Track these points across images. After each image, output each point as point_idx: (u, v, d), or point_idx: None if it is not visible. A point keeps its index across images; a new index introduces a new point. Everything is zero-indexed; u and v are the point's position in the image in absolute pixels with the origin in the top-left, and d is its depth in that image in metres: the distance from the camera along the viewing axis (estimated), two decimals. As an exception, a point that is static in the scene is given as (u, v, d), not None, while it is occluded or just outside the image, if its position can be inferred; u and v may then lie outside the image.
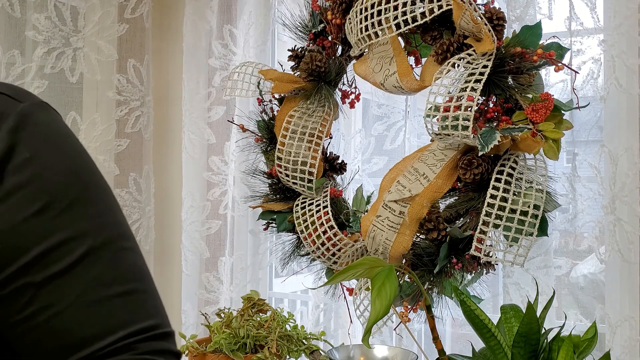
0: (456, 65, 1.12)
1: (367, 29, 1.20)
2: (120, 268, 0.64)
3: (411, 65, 1.26)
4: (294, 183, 1.35)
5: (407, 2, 1.15)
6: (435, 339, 1.04)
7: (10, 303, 0.61)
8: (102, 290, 0.62)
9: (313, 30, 1.37)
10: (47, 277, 0.61)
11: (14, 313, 0.62)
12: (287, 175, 1.34)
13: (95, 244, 0.63)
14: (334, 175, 1.43)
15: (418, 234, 1.22)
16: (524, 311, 0.98)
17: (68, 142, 0.66)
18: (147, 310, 0.64)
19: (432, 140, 1.22)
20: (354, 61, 1.35)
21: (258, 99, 1.41)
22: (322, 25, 1.36)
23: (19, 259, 0.61)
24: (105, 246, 0.64)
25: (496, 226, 1.11)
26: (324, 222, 1.29)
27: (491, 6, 1.17)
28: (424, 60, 1.29)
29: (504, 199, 1.10)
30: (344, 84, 1.41)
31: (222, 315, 1.35)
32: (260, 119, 1.42)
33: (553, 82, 1.37)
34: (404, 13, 1.15)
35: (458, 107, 1.07)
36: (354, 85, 1.41)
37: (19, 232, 0.61)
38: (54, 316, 0.61)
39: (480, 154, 1.06)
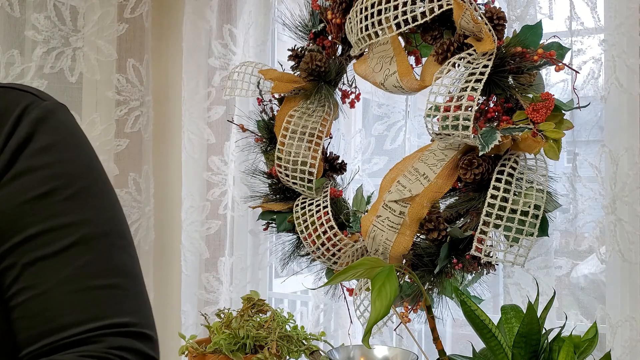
0: (456, 65, 1.12)
1: (367, 29, 1.19)
2: (108, 262, 0.64)
3: (411, 65, 1.26)
4: (293, 183, 1.34)
5: (407, 1, 1.15)
6: (436, 339, 1.04)
7: (1, 280, 0.62)
8: (84, 280, 0.62)
9: (313, 30, 1.37)
10: (33, 258, 0.61)
11: (2, 291, 0.62)
12: (287, 175, 1.34)
13: (90, 233, 0.63)
14: (334, 175, 1.43)
15: (418, 234, 1.22)
16: (525, 311, 0.98)
17: (83, 142, 0.69)
18: (123, 307, 0.63)
19: (432, 140, 1.22)
20: (354, 61, 1.34)
21: (258, 98, 1.41)
22: (322, 24, 1.36)
23: (12, 238, 0.61)
24: (99, 238, 0.64)
25: (497, 226, 1.10)
26: (324, 222, 1.29)
27: (491, 6, 1.17)
28: (424, 60, 1.28)
29: (505, 199, 1.10)
30: (344, 84, 1.40)
31: (222, 315, 1.35)
32: (260, 118, 1.42)
33: (553, 81, 1.36)
34: (404, 13, 1.15)
35: (458, 107, 1.07)
36: (354, 85, 1.41)
37: (20, 213, 0.62)
38: (32, 298, 0.61)
39: (480, 154, 1.06)
